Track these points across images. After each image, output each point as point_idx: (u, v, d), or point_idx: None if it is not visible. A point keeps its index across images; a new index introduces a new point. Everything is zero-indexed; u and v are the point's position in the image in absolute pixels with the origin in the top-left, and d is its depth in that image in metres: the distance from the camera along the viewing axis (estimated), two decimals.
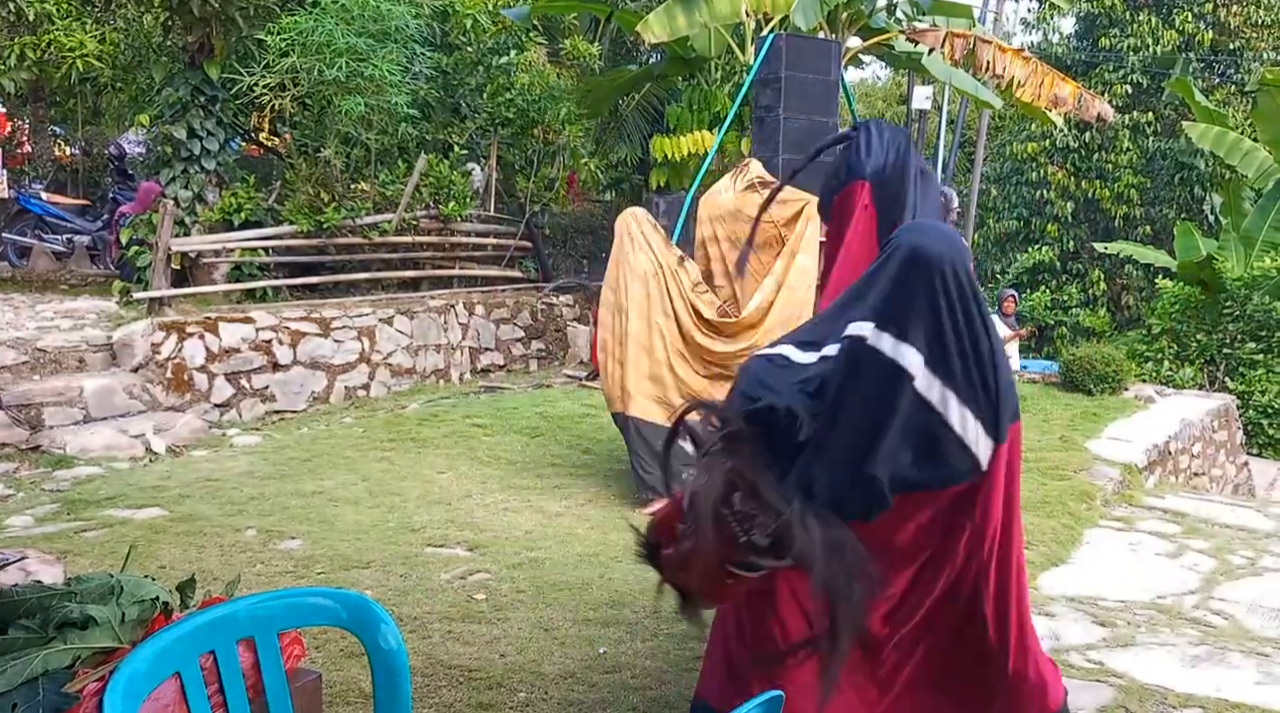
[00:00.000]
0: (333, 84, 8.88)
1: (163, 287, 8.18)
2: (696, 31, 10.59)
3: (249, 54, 9.38)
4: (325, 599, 2.25)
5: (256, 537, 4.97)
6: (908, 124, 18.83)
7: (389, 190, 9.89)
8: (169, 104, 9.21)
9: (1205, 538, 5.92)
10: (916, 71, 13.85)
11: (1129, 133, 18.70)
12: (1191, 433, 8.94)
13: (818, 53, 8.92)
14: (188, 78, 9.13)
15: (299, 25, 8.74)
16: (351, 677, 3.45)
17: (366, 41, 8.90)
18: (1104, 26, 19.27)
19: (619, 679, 3.56)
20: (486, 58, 11.26)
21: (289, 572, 4.51)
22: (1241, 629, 4.42)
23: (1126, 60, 18.76)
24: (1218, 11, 19.16)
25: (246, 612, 2.13)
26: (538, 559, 4.79)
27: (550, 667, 3.64)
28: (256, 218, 9.41)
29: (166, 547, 4.76)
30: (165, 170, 9.30)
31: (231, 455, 6.79)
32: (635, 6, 11.88)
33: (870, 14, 11.85)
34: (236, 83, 9.08)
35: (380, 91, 9.06)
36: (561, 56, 12.88)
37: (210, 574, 4.32)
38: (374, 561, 4.68)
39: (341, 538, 5.00)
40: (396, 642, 2.17)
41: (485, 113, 11.36)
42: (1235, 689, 3.74)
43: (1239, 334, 14.46)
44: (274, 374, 8.08)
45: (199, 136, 9.24)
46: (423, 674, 3.52)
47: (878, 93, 27.65)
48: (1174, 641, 4.23)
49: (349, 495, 5.79)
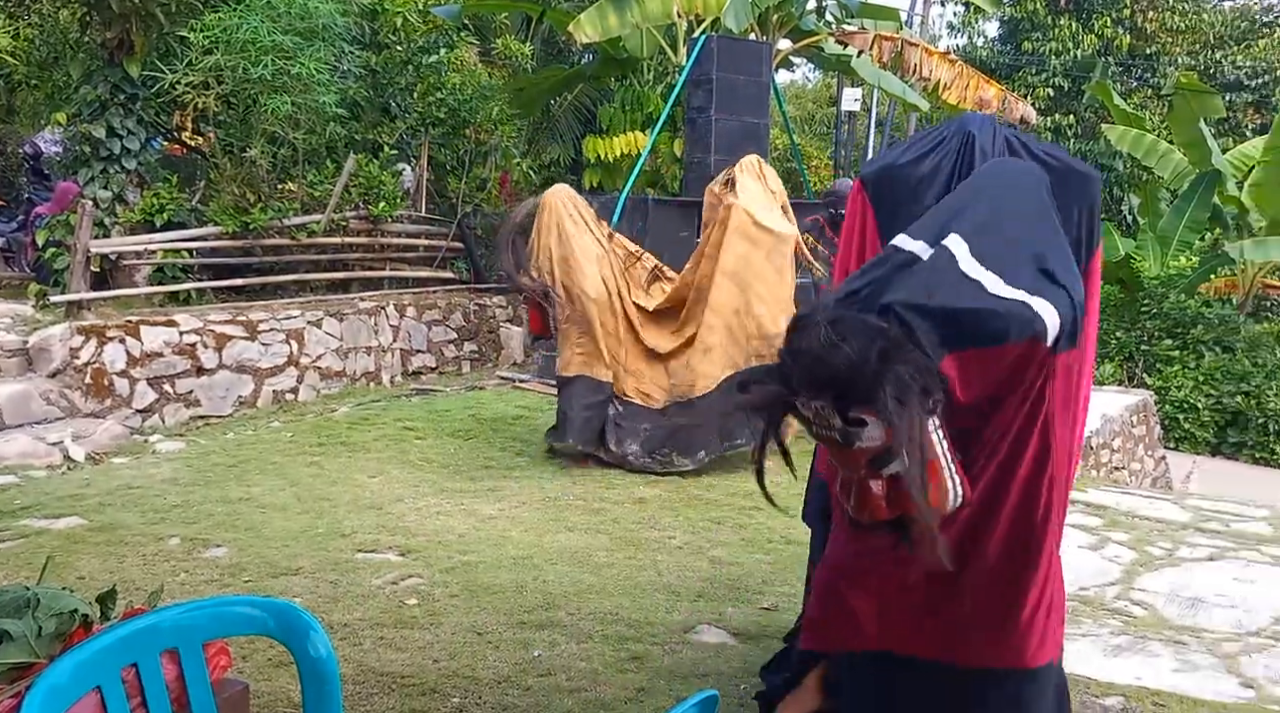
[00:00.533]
0: (258, 82, 8.72)
1: (81, 289, 7.96)
2: (629, 32, 10.62)
3: (171, 51, 9.16)
4: (252, 608, 2.20)
5: (180, 545, 4.86)
6: (837, 125, 19.06)
7: (317, 191, 9.74)
8: (87, 102, 8.97)
9: (1126, 530, 6.07)
10: (846, 74, 14.03)
11: (1051, 135, 19.14)
12: (1112, 428, 9.17)
13: (749, 54, 9.00)
14: (107, 75, 8.90)
15: (223, 22, 8.57)
16: (280, 687, 3.39)
17: (293, 39, 8.75)
18: (1026, 31, 19.70)
19: (554, 682, 3.55)
20: (417, 57, 11.15)
21: (215, 581, 4.42)
22: (1160, 619, 4.54)
23: (1048, 64, 19.21)
24: (1135, 17, 19.71)
25: (170, 623, 2.08)
26: (471, 563, 4.75)
27: (484, 671, 3.62)
28: (180, 219, 9.20)
29: (86, 557, 4.63)
30: (84, 170, 9.06)
31: (154, 462, 6.63)
32: (567, 6, 11.86)
33: (800, 16, 11.99)
34: (158, 80, 8.87)
35: (308, 90, 8.92)
36: (493, 56, 12.81)
37: (132, 585, 4.22)
38: (303, 567, 4.61)
39: (269, 545, 4.92)
40: (326, 650, 2.13)
41: (416, 112, 11.25)
42: (1154, 677, 3.84)
43: (1156, 331, 14.90)
44: (198, 378, 7.91)
45: (119, 135, 9.01)
46: (354, 682, 3.47)
47: (808, 94, 27.94)
48: (1097, 631, 4.34)
49: (277, 502, 5.69)
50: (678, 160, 10.69)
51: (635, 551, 5.04)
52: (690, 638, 3.97)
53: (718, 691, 1.92)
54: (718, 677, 3.63)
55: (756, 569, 4.85)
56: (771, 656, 3.55)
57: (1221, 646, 4.22)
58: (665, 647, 3.86)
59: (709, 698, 1.78)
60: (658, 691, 3.51)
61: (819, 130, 25.27)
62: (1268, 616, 4.62)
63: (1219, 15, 21.16)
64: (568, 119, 13.53)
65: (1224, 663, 4.02)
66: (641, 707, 3.40)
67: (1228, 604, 4.71)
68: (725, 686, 3.55)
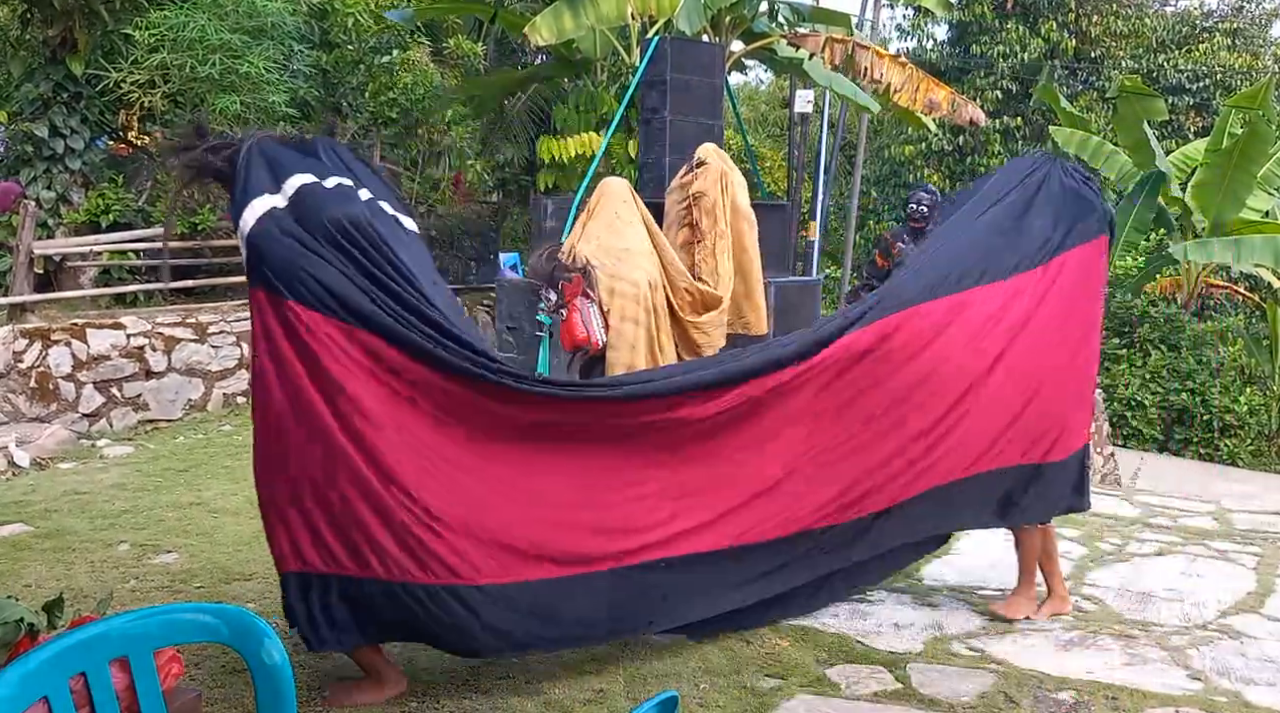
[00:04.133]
0: (206, 81, 8.59)
1: (25, 292, 7.79)
2: (583, 34, 10.59)
3: (115, 49, 9.01)
4: (204, 615, 2.17)
5: (130, 551, 4.78)
6: (790, 127, 19.17)
7: None
8: (29, 100, 8.79)
9: (1076, 526, 6.16)
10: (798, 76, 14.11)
11: (1000, 137, 19.40)
12: None
13: (702, 56, 9.03)
14: (49, 73, 8.73)
15: (169, 20, 8.43)
16: (234, 694, 3.34)
17: (241, 38, 8.64)
18: (975, 34, 19.95)
19: (512, 684, 3.53)
20: (368, 56, 11.04)
21: (165, 587, 4.34)
22: (1110, 613, 4.62)
23: (997, 67, 19.46)
24: (1079, 21, 20.03)
25: (119, 631, 2.04)
26: None
27: (440, 674, 3.59)
28: (126, 220, 9.05)
29: (32, 564, 4.54)
30: (26, 170, 8.88)
31: (102, 467, 6.51)
32: (519, 8, 11.81)
33: (752, 19, 12.03)
34: (102, 79, 8.71)
35: (257, 89, 8.81)
36: (445, 56, 12.71)
37: (80, 593, 4.14)
38: (256, 573, 4.54)
39: (221, 550, 4.84)
40: (281, 656, 2.11)
41: (367, 112, 11.14)
42: (1105, 671, 3.90)
43: (1104, 330, 15.13)
44: (147, 382, 7.77)
45: (62, 135, 8.84)
46: (309, 688, 3.43)
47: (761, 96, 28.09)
48: (1049, 627, 4.40)
49: (229, 506, 5.61)
50: (632, 161, 10.68)
51: None
52: (648, 639, 3.97)
53: (677, 691, 1.92)
54: (676, 677, 3.63)
55: None
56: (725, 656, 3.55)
57: (1170, 639, 4.29)
58: (623, 647, 3.85)
59: (669, 699, 1.78)
60: (616, 692, 3.50)
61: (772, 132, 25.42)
62: (1214, 609, 4.71)
63: (1161, 20, 21.57)
64: (522, 120, 13.47)
65: (1172, 656, 4.09)
66: (600, 708, 3.40)
67: (1176, 598, 4.79)
68: (684, 686, 3.56)
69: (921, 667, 3.86)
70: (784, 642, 3.99)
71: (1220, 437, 14.24)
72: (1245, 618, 4.63)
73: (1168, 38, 21.29)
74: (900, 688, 3.67)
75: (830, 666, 3.82)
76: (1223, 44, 21.11)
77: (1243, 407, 14.23)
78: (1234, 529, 6.26)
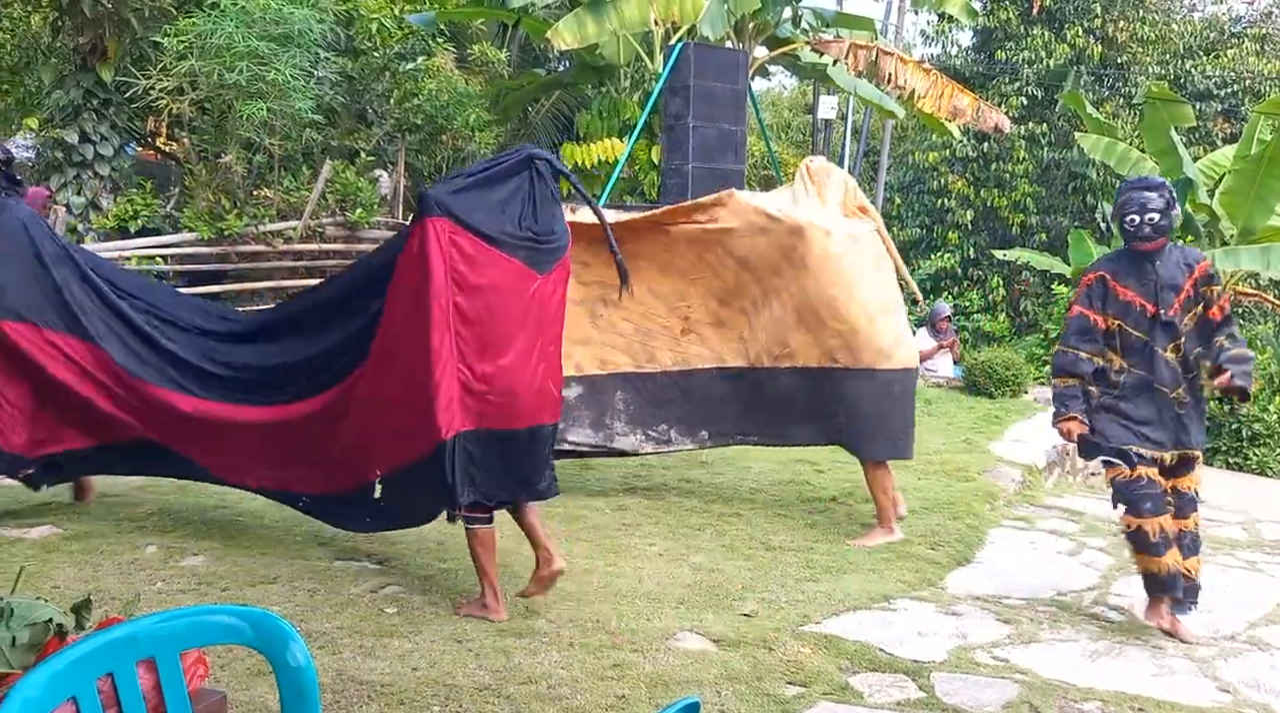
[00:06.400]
0: (233, 88, 8.66)
1: None
2: (606, 39, 10.62)
3: (144, 57, 9.10)
4: (230, 617, 2.18)
5: (156, 554, 4.82)
6: (814, 133, 19.14)
7: (293, 197, 9.69)
8: (59, 107, 8.89)
9: (1102, 536, 6.12)
10: (822, 82, 14.10)
11: (1025, 143, 19.25)
12: None
13: (725, 62, 9.03)
14: (79, 80, 8.83)
15: (197, 28, 8.51)
16: (259, 696, 3.36)
17: (268, 45, 8.70)
18: (1000, 40, 19.83)
19: (534, 690, 3.53)
20: (393, 63, 11.11)
21: (192, 589, 4.37)
22: (1137, 624, 4.57)
23: (1021, 73, 19.34)
24: (1106, 27, 19.86)
25: (146, 632, 2.05)
26: (450, 570, 4.73)
27: (464, 679, 3.59)
28: (154, 225, 9.13)
29: (60, 566, 4.58)
30: (56, 176, 8.98)
31: None
32: (543, 14, 11.85)
33: (776, 25, 12.04)
34: (131, 86, 8.80)
35: (283, 96, 8.87)
36: (469, 62, 12.77)
37: (107, 594, 4.17)
38: (281, 575, 4.57)
39: (247, 553, 4.87)
40: (305, 659, 2.11)
41: (392, 119, 11.21)
42: (1133, 682, 3.87)
43: None
44: None
45: (92, 141, 8.94)
46: (333, 691, 3.44)
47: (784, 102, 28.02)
48: (1075, 636, 4.36)
49: (254, 509, 5.64)
50: (655, 167, 10.70)
51: (615, 558, 5.03)
52: (671, 645, 3.96)
53: (699, 698, 1.92)
54: (698, 684, 3.62)
55: (736, 576, 4.85)
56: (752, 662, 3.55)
57: (1198, 650, 4.25)
58: (646, 654, 3.85)
59: (690, 705, 1.78)
60: (639, 698, 3.50)
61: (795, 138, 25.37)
62: (1242, 620, 4.67)
63: (1188, 25, 21.36)
64: (545, 126, 13.52)
65: (1201, 668, 4.05)
66: None
67: (1204, 609, 4.74)
68: (706, 693, 3.55)
69: (945, 676, 3.83)
70: (807, 649, 3.97)
71: (1249, 446, 14.06)
72: (1275, 630, 4.59)
73: (1195, 43, 21.10)
74: (924, 697, 3.65)
75: (853, 674, 3.81)
76: (1251, 49, 20.91)
77: (1272, 416, 14.05)
78: (1263, 540, 6.20)
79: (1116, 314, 4.42)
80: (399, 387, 4.14)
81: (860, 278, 5.54)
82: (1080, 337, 4.46)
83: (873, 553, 5.29)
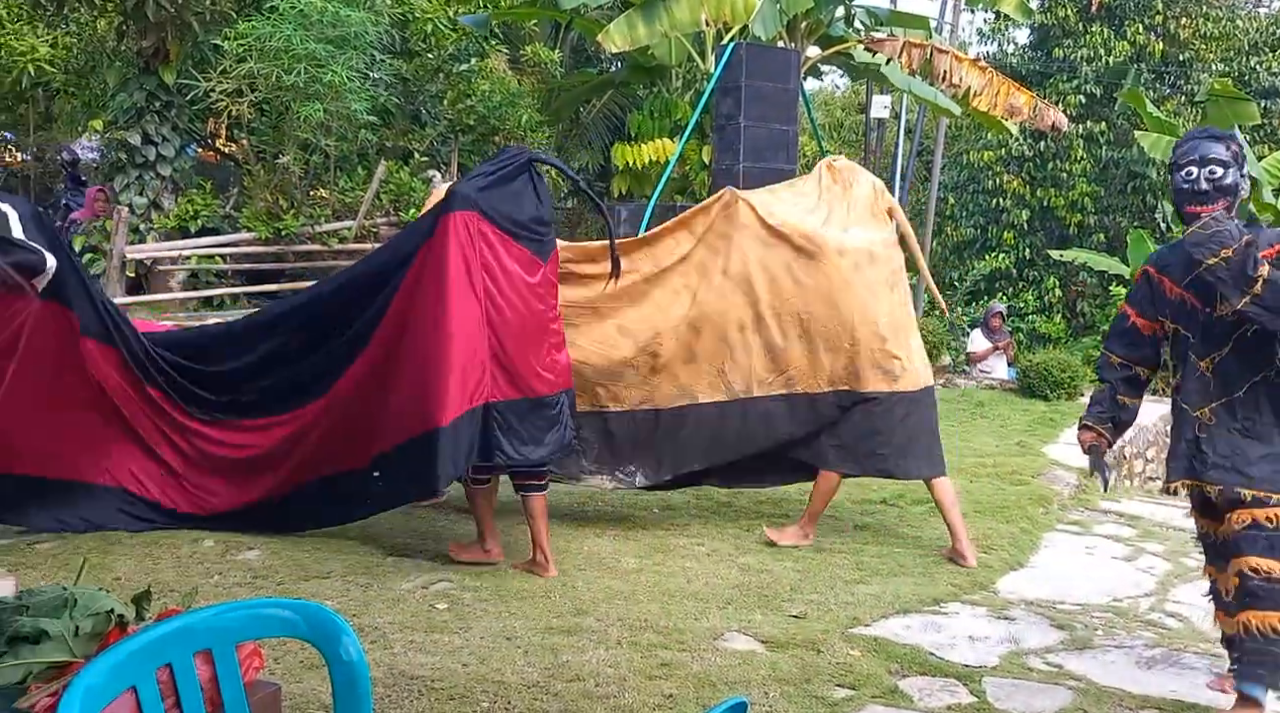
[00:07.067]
0: (291, 90, 8.81)
1: (117, 294, 8.06)
2: (657, 40, 10.62)
3: (205, 59, 9.28)
4: (284, 610, 2.22)
5: (214, 548, 4.91)
6: (866, 133, 18.99)
7: (349, 197, 9.82)
8: (123, 109, 9.09)
9: (1160, 541, 6.01)
10: (875, 81, 13.98)
11: (1083, 142, 18.95)
12: (1145, 437, 9.07)
13: (777, 62, 8.99)
14: (142, 83, 9.02)
15: (256, 31, 8.67)
16: (311, 689, 3.41)
17: (325, 48, 8.84)
18: (1058, 38, 19.54)
19: (582, 688, 3.55)
20: (447, 64, 11.23)
21: (247, 583, 4.45)
22: (1195, 631, 4.49)
23: (1080, 71, 19.03)
24: (1167, 23, 19.48)
25: (204, 624, 2.10)
26: (500, 567, 4.76)
27: (513, 676, 3.62)
28: (213, 225, 9.31)
29: (121, 559, 4.68)
30: (119, 177, 9.19)
31: None
32: (595, 14, 11.89)
33: (829, 24, 11.96)
34: (192, 88, 8.98)
35: (339, 97, 9.01)
36: (522, 63, 12.86)
37: (166, 586, 4.25)
38: (334, 570, 4.64)
39: (301, 548, 4.95)
40: (357, 653, 2.15)
41: (446, 120, 11.32)
42: (1190, 691, 3.79)
43: None
44: None
45: (154, 142, 9.13)
46: (384, 685, 3.49)
47: (836, 102, 27.86)
48: (1130, 643, 4.29)
49: None
50: (706, 167, 10.68)
51: (664, 557, 5.04)
52: (719, 645, 3.96)
53: (747, 698, 1.92)
54: (746, 684, 3.62)
55: (785, 577, 4.83)
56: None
57: None
58: (694, 654, 3.85)
59: (738, 705, 1.78)
60: (686, 698, 3.50)
61: (848, 138, 25.20)
62: None
63: (1253, 21, 20.86)
64: (597, 126, 13.56)
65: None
66: None
67: None
68: (754, 693, 3.54)
69: (997, 681, 3.79)
70: (856, 652, 3.95)
71: None
72: None
73: (1260, 39, 20.59)
74: (975, 702, 3.61)
75: (903, 677, 3.77)
76: None
77: None
78: None
79: (1170, 315, 3.57)
80: (410, 364, 4.46)
81: (874, 299, 5.22)
82: (1116, 338, 3.80)
83: (924, 555, 5.25)
